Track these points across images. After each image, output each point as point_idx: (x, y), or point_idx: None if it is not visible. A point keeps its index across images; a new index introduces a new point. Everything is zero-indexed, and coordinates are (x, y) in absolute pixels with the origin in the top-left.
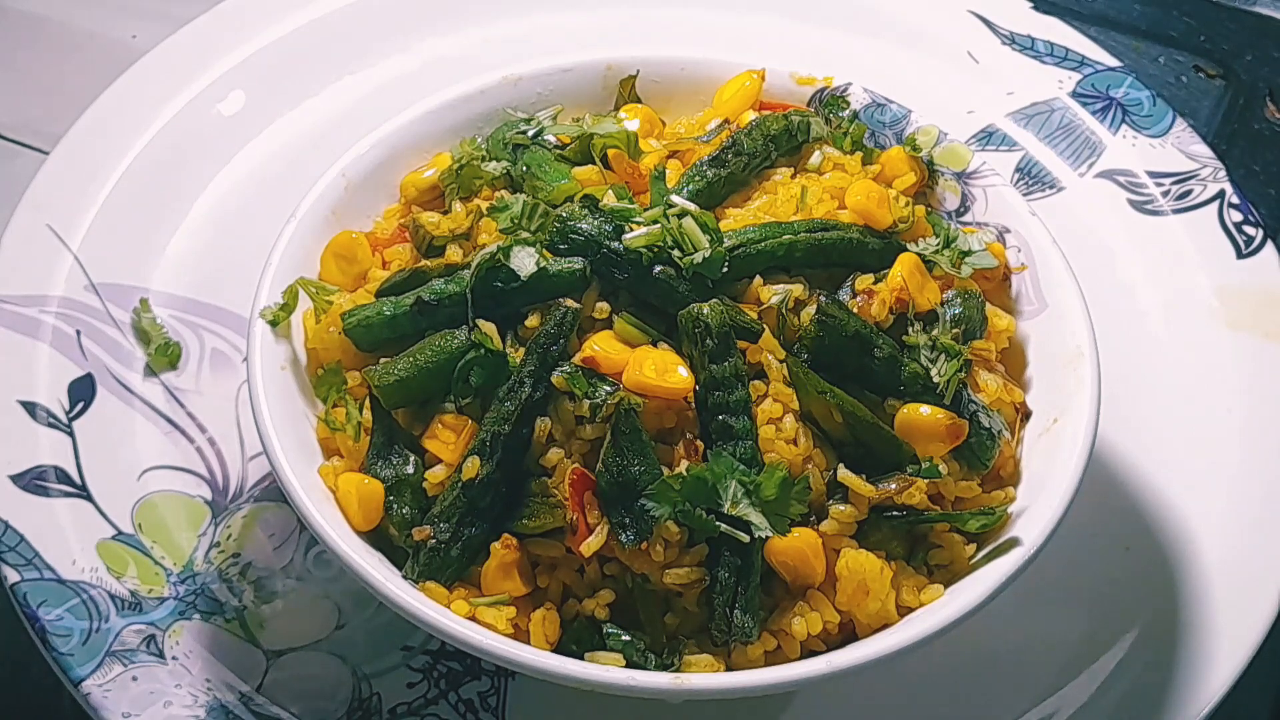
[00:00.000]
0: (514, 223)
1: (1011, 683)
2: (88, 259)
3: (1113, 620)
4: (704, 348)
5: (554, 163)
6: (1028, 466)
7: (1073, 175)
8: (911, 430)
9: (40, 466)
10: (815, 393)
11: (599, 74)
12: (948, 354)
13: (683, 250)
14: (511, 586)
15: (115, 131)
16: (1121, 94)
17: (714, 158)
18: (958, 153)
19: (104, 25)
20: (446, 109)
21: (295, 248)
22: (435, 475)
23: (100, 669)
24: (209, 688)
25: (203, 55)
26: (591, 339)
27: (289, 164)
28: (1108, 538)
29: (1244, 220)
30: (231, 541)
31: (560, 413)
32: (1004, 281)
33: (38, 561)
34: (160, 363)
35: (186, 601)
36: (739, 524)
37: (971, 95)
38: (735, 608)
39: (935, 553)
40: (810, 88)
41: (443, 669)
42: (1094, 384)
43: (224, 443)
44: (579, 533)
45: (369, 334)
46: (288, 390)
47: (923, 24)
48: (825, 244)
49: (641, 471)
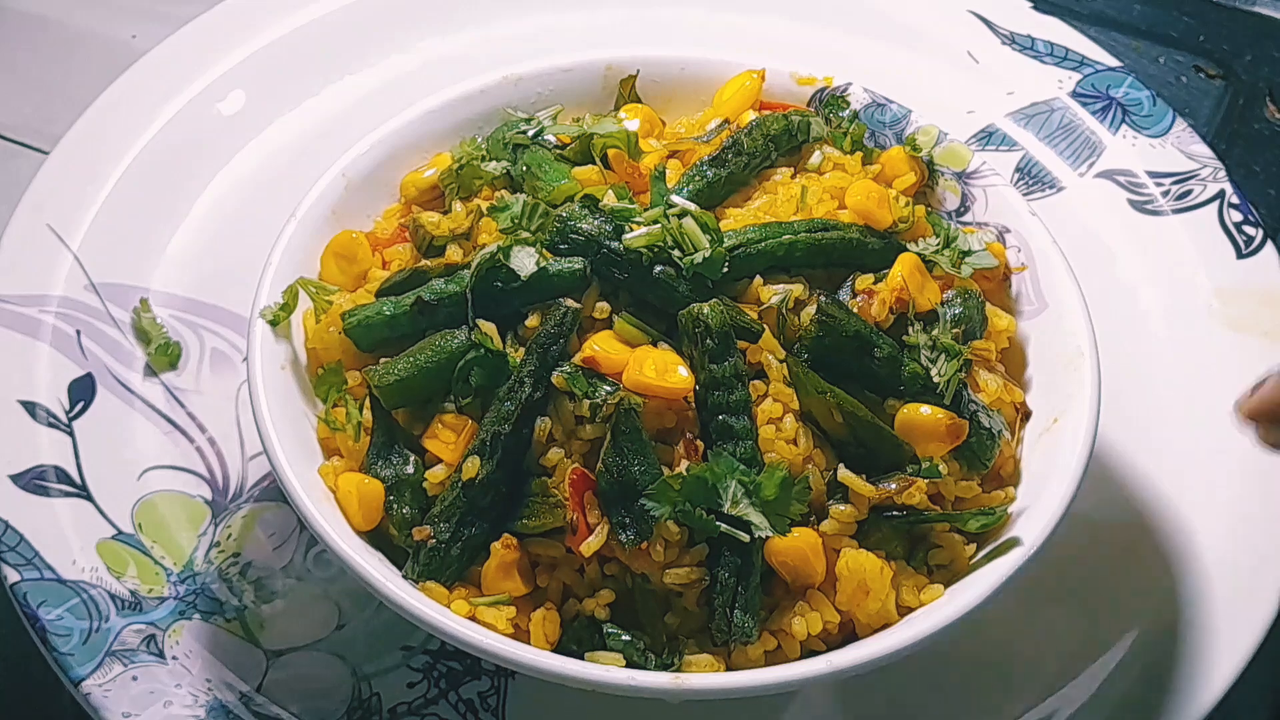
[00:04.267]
0: (514, 223)
1: (1011, 683)
2: (88, 259)
3: (1113, 620)
4: (704, 348)
5: (554, 163)
6: (1028, 466)
7: (1073, 175)
8: (911, 430)
9: (40, 466)
10: (815, 393)
11: (599, 74)
12: (948, 354)
13: (683, 250)
14: (511, 586)
15: (115, 131)
16: (1121, 94)
17: (714, 158)
18: (958, 153)
19: (104, 25)
20: (446, 109)
21: (295, 248)
22: (435, 475)
23: (100, 669)
24: (209, 687)
25: (203, 55)
26: (591, 339)
27: (289, 164)
28: (1108, 538)
29: (1244, 220)
30: (231, 541)
31: (560, 413)
32: (1004, 281)
33: (38, 561)
34: (160, 362)
35: (186, 601)
36: (739, 524)
37: (971, 95)
38: (735, 608)
39: (935, 553)
40: (810, 88)
41: (443, 669)
42: (1094, 384)
43: (224, 443)
44: (579, 533)
45: (369, 334)
46: (288, 390)
47: (923, 24)
48: (825, 244)
49: (641, 471)
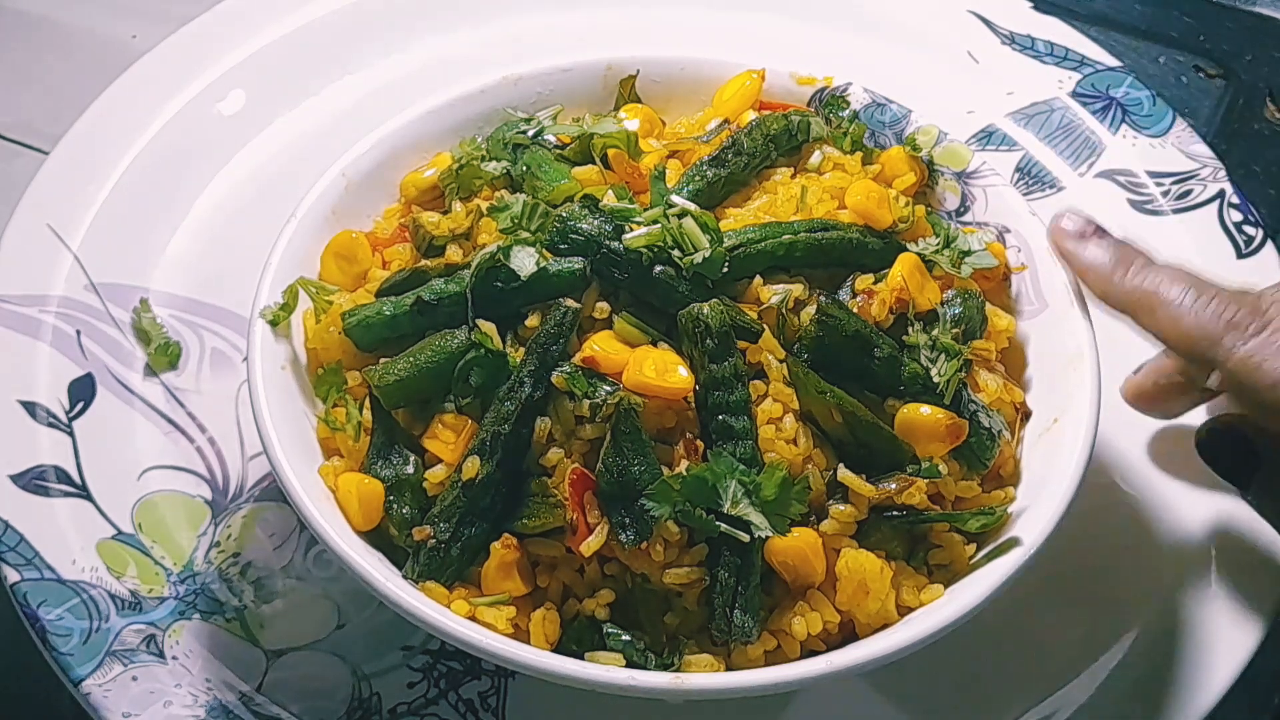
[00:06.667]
0: (514, 223)
1: (1011, 683)
2: (88, 259)
3: (1113, 620)
4: (704, 348)
5: (554, 163)
6: (1028, 466)
7: (1073, 175)
8: (911, 430)
9: (40, 466)
10: (815, 393)
11: (599, 74)
12: (948, 354)
13: (683, 250)
14: (511, 586)
15: (115, 131)
16: (1121, 94)
17: (714, 158)
18: (958, 153)
19: (104, 25)
20: (446, 109)
21: (295, 248)
22: (435, 475)
23: (100, 669)
24: (209, 687)
25: (203, 55)
26: (591, 339)
27: (289, 164)
28: (1108, 538)
29: (1244, 220)
30: (231, 541)
31: (560, 412)
32: (1004, 281)
33: (38, 561)
34: (160, 362)
35: (186, 601)
36: (739, 524)
37: (971, 95)
38: (735, 608)
39: (935, 553)
40: (810, 88)
41: (443, 669)
42: (1094, 384)
43: (224, 443)
44: (579, 533)
45: (369, 334)
46: (288, 390)
47: (923, 24)
48: (825, 244)
49: (641, 471)
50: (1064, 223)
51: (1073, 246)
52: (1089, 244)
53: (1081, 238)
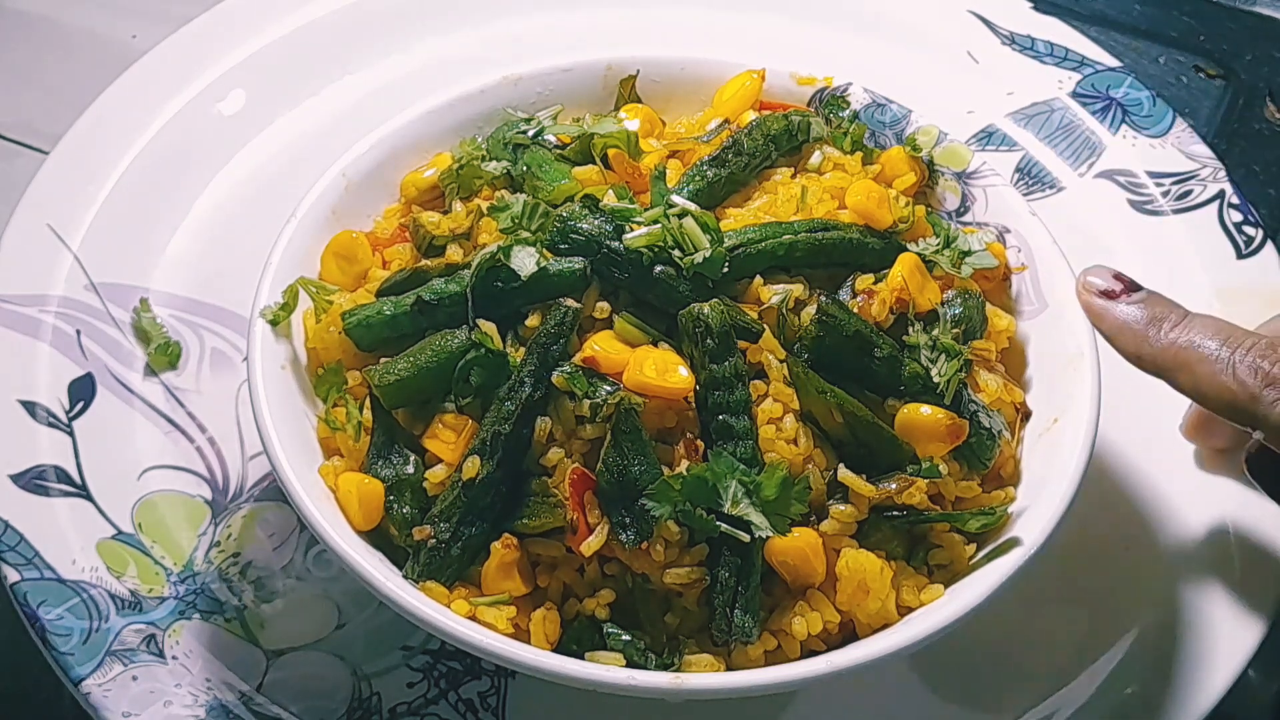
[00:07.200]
0: (514, 222)
1: (1011, 683)
2: (88, 259)
3: (1113, 620)
4: (704, 348)
5: (554, 163)
6: (1028, 466)
7: (1073, 175)
8: (912, 430)
9: (40, 466)
10: (815, 393)
11: (599, 74)
12: (948, 354)
13: (683, 250)
14: (512, 586)
15: (115, 131)
16: (1121, 94)
17: (714, 158)
18: (958, 153)
19: (104, 25)
20: (446, 109)
21: (295, 248)
22: (435, 475)
23: (100, 668)
24: (209, 687)
25: (203, 55)
26: (592, 339)
27: (289, 164)
28: (1108, 538)
29: (1244, 220)
30: (231, 541)
31: (560, 412)
32: (1004, 281)
33: (38, 561)
34: (160, 362)
35: (186, 601)
36: (739, 524)
37: (971, 95)
38: (735, 608)
39: (935, 553)
40: (810, 88)
41: (443, 669)
42: (1094, 384)
43: (224, 442)
44: (579, 532)
45: (369, 334)
46: (288, 390)
47: (923, 24)
48: (825, 244)
49: (642, 471)
50: (1092, 278)
51: (1102, 306)
52: (1119, 302)
53: (1110, 296)
